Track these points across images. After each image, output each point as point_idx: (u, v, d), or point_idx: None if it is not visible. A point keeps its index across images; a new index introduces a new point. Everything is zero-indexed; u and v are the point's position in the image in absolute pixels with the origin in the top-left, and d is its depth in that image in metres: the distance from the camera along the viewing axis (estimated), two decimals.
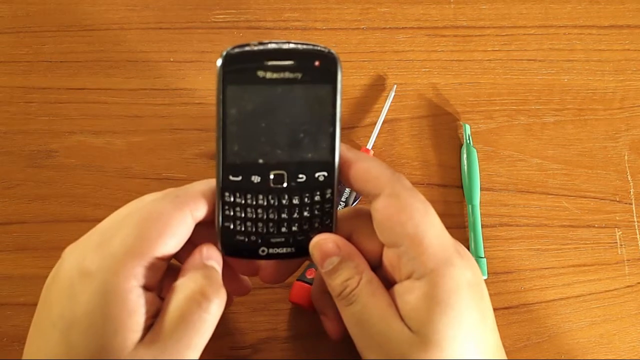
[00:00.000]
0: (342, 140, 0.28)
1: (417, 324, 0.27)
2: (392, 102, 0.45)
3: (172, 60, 0.46)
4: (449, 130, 0.45)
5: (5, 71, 0.45)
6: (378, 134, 0.44)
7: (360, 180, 0.29)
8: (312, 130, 0.28)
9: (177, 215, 0.27)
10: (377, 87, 0.46)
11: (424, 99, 0.46)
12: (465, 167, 0.44)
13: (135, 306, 0.25)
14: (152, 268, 0.26)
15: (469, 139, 0.44)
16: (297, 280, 0.39)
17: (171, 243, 0.27)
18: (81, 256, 0.26)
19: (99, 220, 0.37)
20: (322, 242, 0.29)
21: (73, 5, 0.47)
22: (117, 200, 0.42)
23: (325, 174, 0.28)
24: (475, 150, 0.44)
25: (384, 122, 0.44)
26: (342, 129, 0.44)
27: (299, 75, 0.27)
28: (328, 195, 0.29)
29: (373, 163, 0.29)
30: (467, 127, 0.45)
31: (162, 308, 0.26)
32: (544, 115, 0.46)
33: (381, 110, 0.44)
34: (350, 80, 0.46)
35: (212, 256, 0.28)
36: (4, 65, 0.45)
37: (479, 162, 0.44)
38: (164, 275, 0.27)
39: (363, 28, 0.48)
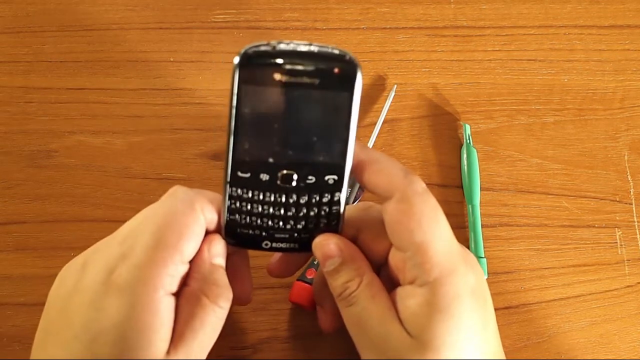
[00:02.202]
0: None
1: (417, 329, 0.27)
2: (392, 102, 0.45)
3: (172, 60, 0.46)
4: (449, 130, 0.45)
5: (5, 71, 0.45)
6: (378, 134, 0.44)
7: (373, 182, 0.29)
8: (325, 134, 0.27)
9: (192, 214, 0.27)
10: (377, 87, 0.46)
11: (424, 99, 0.46)
12: (465, 167, 0.44)
13: (165, 315, 0.26)
14: (176, 273, 0.26)
15: (469, 139, 0.44)
16: (297, 280, 0.39)
17: (192, 245, 0.27)
18: (105, 267, 0.26)
19: (99, 220, 0.37)
20: (324, 243, 0.29)
21: (73, 5, 0.47)
22: (117, 200, 0.42)
23: (336, 177, 0.28)
24: (475, 150, 0.44)
25: (384, 122, 0.44)
26: None
27: (317, 81, 0.26)
28: (337, 198, 0.29)
29: (386, 164, 0.29)
30: (467, 127, 0.45)
31: (178, 312, 0.27)
32: (544, 115, 0.46)
33: (381, 110, 0.44)
34: None
35: (218, 252, 0.28)
36: (4, 65, 0.45)
37: (479, 162, 0.44)
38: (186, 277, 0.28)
39: (363, 28, 0.48)
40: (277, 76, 0.26)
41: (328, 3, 0.48)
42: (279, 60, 0.25)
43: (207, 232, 0.29)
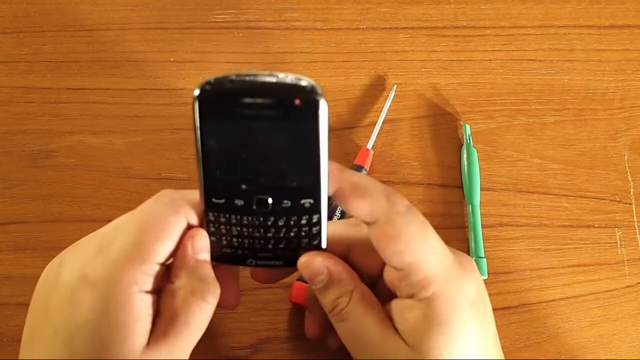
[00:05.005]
0: (342, 142, 0.28)
1: (415, 340, 0.27)
2: (392, 102, 0.45)
3: (172, 60, 0.46)
4: (449, 130, 0.45)
5: (5, 71, 0.45)
6: (378, 134, 0.44)
7: (356, 209, 0.28)
8: (295, 164, 0.26)
9: (174, 218, 0.27)
10: (377, 87, 0.46)
11: (424, 99, 0.46)
12: (465, 167, 0.43)
13: (140, 312, 0.25)
14: (151, 272, 0.26)
15: (469, 139, 0.44)
16: (297, 280, 0.39)
17: (168, 246, 0.27)
18: (81, 263, 0.26)
19: (99, 221, 0.37)
20: (310, 262, 0.29)
21: (73, 5, 0.47)
22: (117, 200, 0.42)
23: (312, 201, 0.27)
24: (475, 150, 0.44)
25: (384, 122, 0.44)
26: (342, 129, 0.44)
27: (278, 113, 0.25)
28: (315, 220, 0.28)
29: (368, 188, 0.28)
30: (467, 127, 0.45)
31: (161, 309, 0.27)
32: (544, 115, 0.46)
33: (381, 110, 0.44)
34: (350, 80, 0.46)
35: (202, 247, 0.28)
36: (4, 65, 0.45)
37: (479, 162, 0.44)
38: (163, 278, 0.28)
39: (363, 28, 0.48)
40: (238, 110, 0.25)
41: (328, 3, 0.48)
42: (238, 94, 0.25)
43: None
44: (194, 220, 0.28)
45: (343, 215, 0.41)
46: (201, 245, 0.28)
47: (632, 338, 0.41)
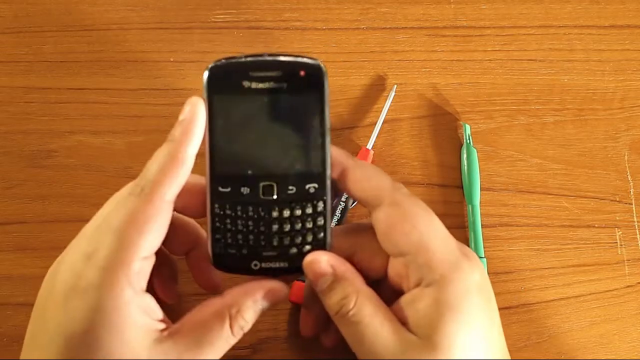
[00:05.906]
0: (342, 142, 0.29)
1: (427, 331, 0.27)
2: (392, 102, 0.45)
3: (172, 60, 0.46)
4: (449, 130, 0.45)
5: (5, 71, 0.45)
6: (378, 134, 0.44)
7: (360, 189, 0.29)
8: (300, 140, 0.27)
9: (150, 209, 0.26)
10: (377, 87, 0.46)
11: (424, 99, 0.46)
12: (465, 167, 0.44)
13: (136, 314, 0.25)
14: (141, 270, 0.26)
15: (469, 139, 0.44)
16: (297, 280, 0.39)
17: (152, 238, 0.26)
18: (72, 271, 0.26)
19: None
20: (315, 261, 0.29)
21: (73, 5, 0.47)
22: None
23: (316, 185, 0.28)
24: (475, 150, 0.44)
25: (384, 122, 0.44)
26: (342, 129, 0.44)
27: (284, 85, 0.26)
28: (320, 208, 0.28)
29: (372, 171, 0.29)
30: (467, 127, 0.45)
31: (193, 312, 0.27)
32: (544, 115, 0.46)
33: (381, 110, 0.44)
34: (350, 80, 0.46)
35: (269, 298, 0.29)
36: (4, 65, 0.45)
37: (479, 162, 0.44)
38: (155, 268, 0.28)
39: (363, 28, 0.48)
40: (246, 84, 0.26)
41: (328, 3, 0.48)
42: (246, 68, 0.26)
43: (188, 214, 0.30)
44: (174, 191, 0.28)
45: (343, 215, 0.41)
46: (268, 300, 0.29)
47: (632, 338, 0.41)
